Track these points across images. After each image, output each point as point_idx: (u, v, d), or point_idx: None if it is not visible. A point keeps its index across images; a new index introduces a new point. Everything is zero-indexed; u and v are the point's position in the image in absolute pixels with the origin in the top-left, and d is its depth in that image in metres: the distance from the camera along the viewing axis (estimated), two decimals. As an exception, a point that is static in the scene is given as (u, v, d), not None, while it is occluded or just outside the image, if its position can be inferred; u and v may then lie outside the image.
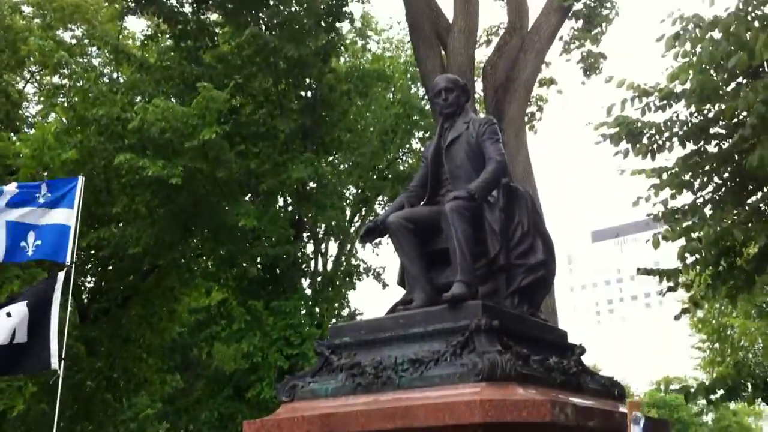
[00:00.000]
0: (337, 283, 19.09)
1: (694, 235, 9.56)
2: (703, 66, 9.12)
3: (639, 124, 9.87)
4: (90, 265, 19.95)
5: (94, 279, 20.46)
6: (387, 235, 5.89)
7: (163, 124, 14.45)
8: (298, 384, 5.35)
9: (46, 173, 14.20)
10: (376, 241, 22.18)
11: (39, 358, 8.97)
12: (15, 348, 8.87)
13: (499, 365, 4.53)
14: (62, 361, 9.01)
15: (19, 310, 8.92)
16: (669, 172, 9.91)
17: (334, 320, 18.57)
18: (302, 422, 4.86)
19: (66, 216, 9.57)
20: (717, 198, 10.13)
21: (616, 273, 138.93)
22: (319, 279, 20.23)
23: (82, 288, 20.36)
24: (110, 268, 19.09)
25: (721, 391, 10.37)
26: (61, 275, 9.18)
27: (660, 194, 10.12)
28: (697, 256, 9.86)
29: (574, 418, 4.47)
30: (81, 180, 10.01)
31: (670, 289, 10.73)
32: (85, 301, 20.04)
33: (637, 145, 9.94)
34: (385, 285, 20.54)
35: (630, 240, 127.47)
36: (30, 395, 13.55)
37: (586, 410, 4.66)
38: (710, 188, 10.16)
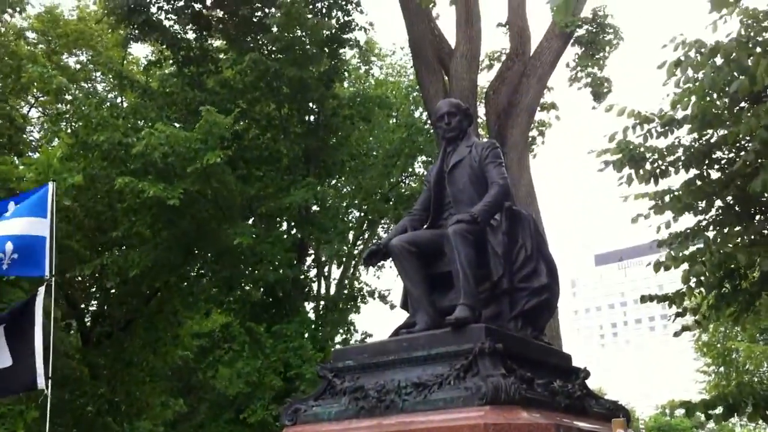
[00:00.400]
0: (341, 305, 19.04)
1: (698, 260, 9.55)
2: (705, 91, 9.15)
3: (641, 150, 9.88)
4: (94, 289, 19.96)
5: (96, 303, 20.45)
6: (390, 258, 5.89)
7: (166, 149, 14.53)
8: (301, 408, 5.33)
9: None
10: (379, 264, 22.29)
11: (25, 378, 8.71)
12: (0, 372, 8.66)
13: (503, 389, 4.51)
14: (49, 380, 8.80)
15: None
16: (672, 195, 9.91)
17: (338, 344, 18.51)
18: (306, 446, 4.84)
19: (40, 226, 9.22)
20: (720, 220, 10.12)
21: (620, 296, 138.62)
22: (322, 302, 20.18)
23: (85, 312, 20.35)
24: (113, 291, 19.08)
25: (721, 409, 10.31)
26: (41, 290, 8.89)
27: (662, 216, 10.12)
28: (701, 278, 9.84)
29: (579, 441, 4.45)
30: (51, 186, 9.69)
31: (679, 315, 10.70)
32: (88, 324, 20.01)
33: (640, 171, 9.94)
34: (392, 306, 20.47)
35: (634, 263, 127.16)
36: (31, 420, 13.47)
37: (590, 434, 4.64)
38: (713, 212, 10.16)
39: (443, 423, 4.44)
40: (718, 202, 10.04)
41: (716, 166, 9.96)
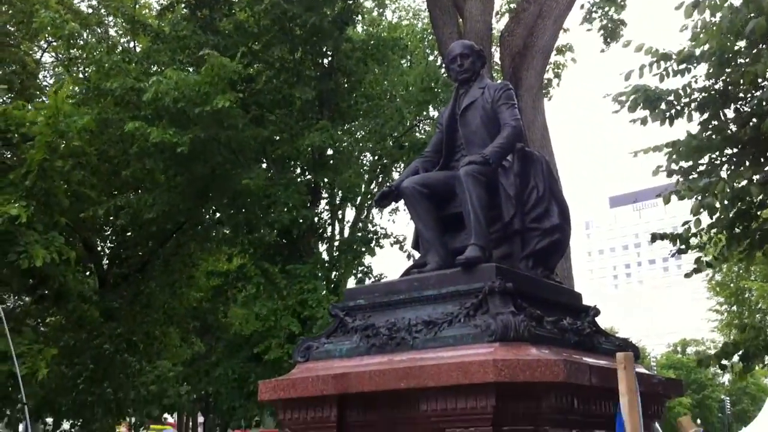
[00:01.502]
0: (355, 248, 19.15)
1: (711, 192, 9.53)
2: (723, 33, 9.03)
3: (656, 91, 9.81)
4: (109, 232, 20.16)
5: (112, 246, 20.66)
6: (402, 200, 5.93)
7: (176, 94, 14.52)
8: (313, 345, 5.43)
9: (62, 140, 14.27)
10: (394, 207, 22.28)
11: None
12: None
13: (512, 326, 4.58)
14: None
15: None
16: (687, 138, 9.87)
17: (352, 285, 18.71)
18: (317, 381, 4.94)
19: None
20: (735, 159, 10.08)
21: (634, 238, 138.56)
22: (335, 245, 20.32)
23: (102, 254, 20.59)
24: (129, 234, 19.27)
25: (738, 359, 10.40)
26: None
27: (678, 164, 10.10)
28: (713, 218, 9.85)
29: (588, 377, 4.52)
30: None
31: (680, 252, 10.73)
32: (105, 267, 20.27)
33: (655, 111, 9.88)
34: (409, 256, 20.57)
35: (648, 205, 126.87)
36: (51, 357, 13.71)
37: (600, 370, 4.70)
38: (728, 152, 10.12)
39: (453, 359, 4.51)
40: (734, 144, 10.00)
41: (732, 107, 9.89)
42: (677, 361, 64.13)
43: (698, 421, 53.52)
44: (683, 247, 10.63)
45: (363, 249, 19.39)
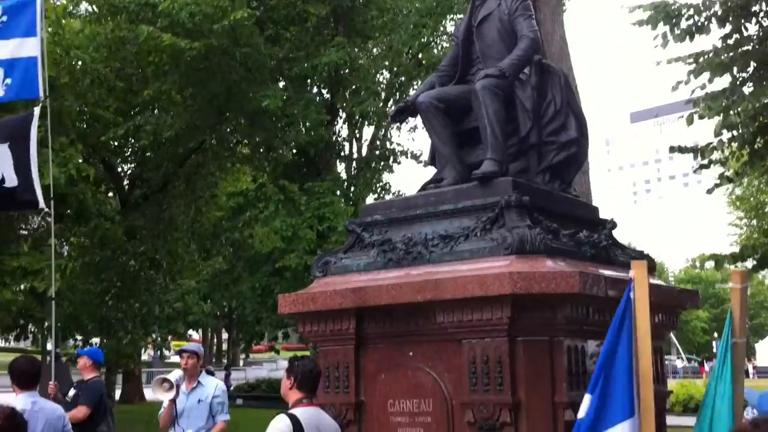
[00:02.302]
0: (373, 165, 19.17)
1: (732, 112, 9.44)
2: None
3: (676, 5, 9.60)
4: (128, 153, 20.25)
5: (132, 166, 20.78)
6: (418, 115, 5.90)
7: (193, 8, 14.39)
8: (331, 260, 5.50)
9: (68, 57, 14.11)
10: (413, 125, 22.11)
11: (26, 198, 8.48)
12: (5, 190, 8.22)
13: (528, 239, 4.60)
14: (51, 201, 8.51)
15: (2, 152, 8.22)
16: (708, 54, 9.69)
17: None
18: (335, 295, 5.03)
19: (30, 46, 8.63)
20: (757, 76, 9.91)
21: (655, 153, 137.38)
22: (354, 163, 20.34)
23: (122, 175, 20.74)
24: (148, 155, 19.34)
25: (753, 262, 10.43)
26: (36, 110, 8.50)
27: (699, 78, 9.95)
28: (734, 132, 9.76)
29: (604, 289, 4.56)
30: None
31: (702, 167, 10.67)
32: (126, 188, 20.44)
33: (676, 30, 9.69)
34: (426, 164, 20.57)
35: (669, 120, 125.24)
36: (70, 274, 13.88)
37: (615, 281, 4.73)
38: (750, 69, 9.94)
39: (469, 272, 4.57)
40: (756, 60, 9.82)
41: (753, 20, 9.68)
42: (695, 275, 64.38)
43: (715, 334, 53.99)
44: (705, 162, 10.56)
45: (381, 167, 19.41)
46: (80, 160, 12.98)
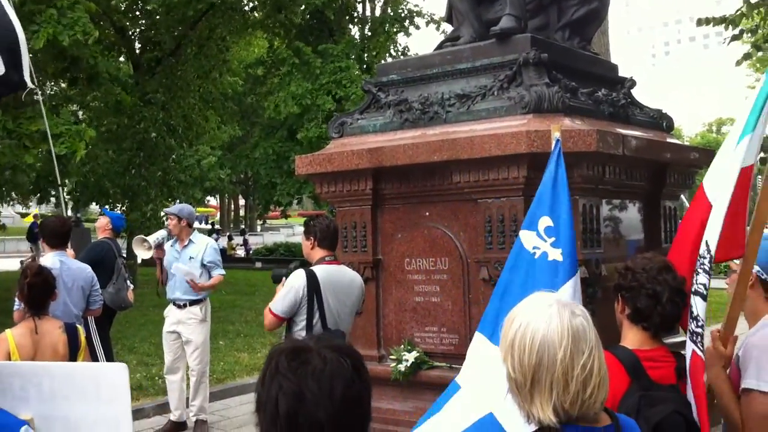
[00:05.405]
0: (386, 27, 18.74)
1: None
2: None
3: None
4: (139, 14, 19.82)
5: (143, 30, 20.39)
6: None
7: None
8: (347, 121, 5.47)
9: None
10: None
11: (15, 80, 8.30)
12: None
13: (546, 98, 4.54)
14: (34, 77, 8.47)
15: None
16: None
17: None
18: (351, 156, 5.03)
19: None
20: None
21: (675, 14, 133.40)
22: (368, 24, 19.92)
23: (133, 37, 20.39)
24: (158, 17, 18.92)
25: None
26: None
27: None
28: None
29: (621, 147, 4.52)
30: None
31: (735, 38, 10.34)
32: (138, 52, 20.14)
33: None
34: (442, 22, 20.07)
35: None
36: (94, 145, 13.88)
37: (632, 140, 4.70)
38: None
39: (486, 132, 4.53)
40: None
41: None
42: (712, 140, 63.85)
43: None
44: (737, 32, 10.23)
45: (396, 29, 19.01)
46: (87, 21, 12.56)
